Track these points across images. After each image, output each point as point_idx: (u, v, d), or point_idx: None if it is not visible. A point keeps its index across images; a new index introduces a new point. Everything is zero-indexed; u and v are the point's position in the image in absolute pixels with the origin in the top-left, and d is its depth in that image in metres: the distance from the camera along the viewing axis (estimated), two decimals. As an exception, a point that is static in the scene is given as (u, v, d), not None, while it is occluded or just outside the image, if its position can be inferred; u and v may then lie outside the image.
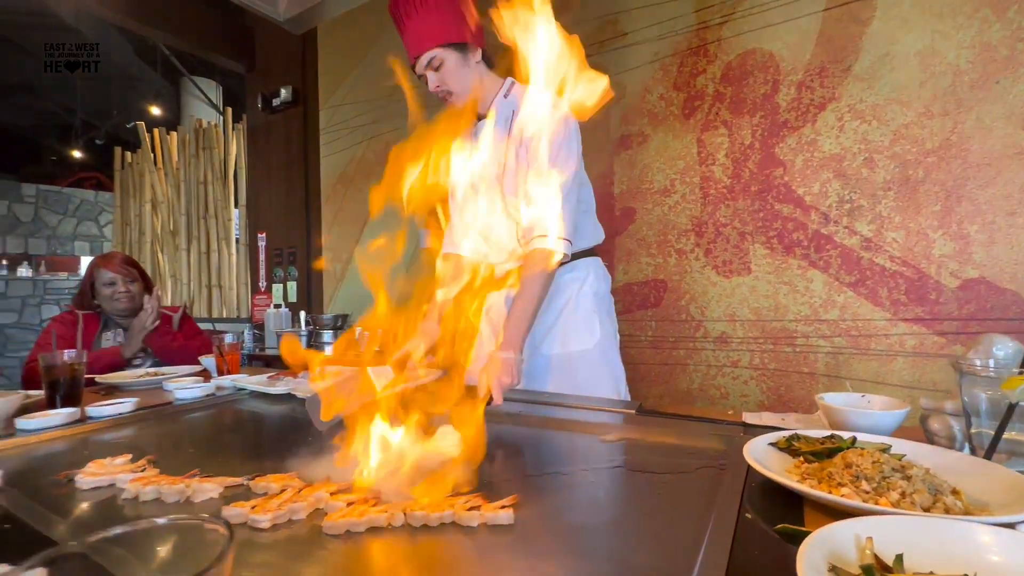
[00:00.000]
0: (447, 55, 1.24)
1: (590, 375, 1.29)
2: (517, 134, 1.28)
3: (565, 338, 1.32)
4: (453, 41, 1.24)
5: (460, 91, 1.28)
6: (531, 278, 1.19)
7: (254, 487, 0.67)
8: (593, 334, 1.31)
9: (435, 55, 1.24)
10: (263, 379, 1.42)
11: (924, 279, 1.66)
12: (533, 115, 1.21)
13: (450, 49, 1.24)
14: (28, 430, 0.98)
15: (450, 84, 1.26)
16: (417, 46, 1.25)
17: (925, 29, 1.65)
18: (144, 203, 4.55)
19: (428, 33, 1.23)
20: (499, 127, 1.32)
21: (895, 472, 0.52)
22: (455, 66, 1.26)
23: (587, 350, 1.30)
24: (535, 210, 1.22)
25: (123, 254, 1.89)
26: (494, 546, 0.51)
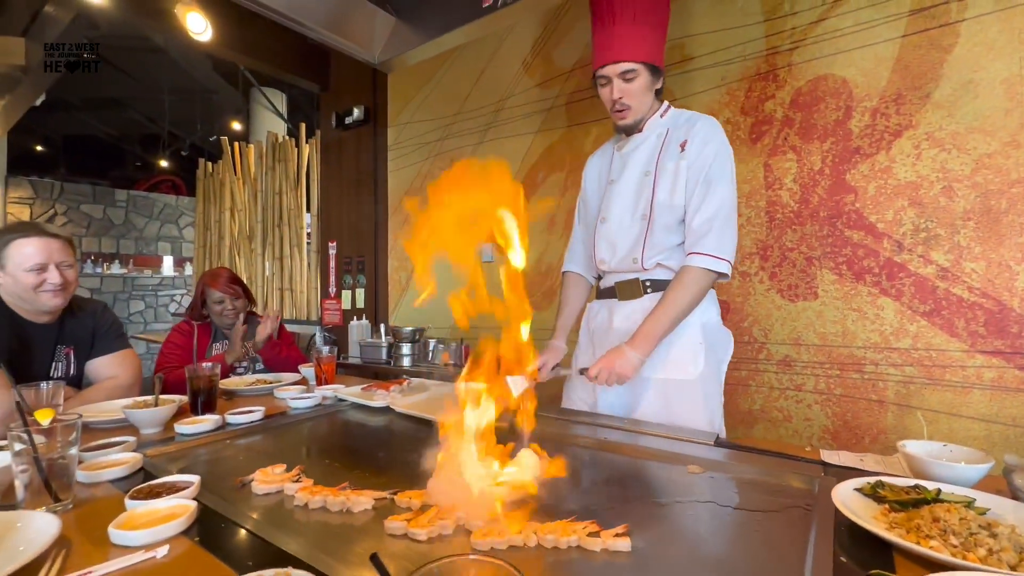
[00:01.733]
0: (643, 73, 1.28)
1: (687, 407, 1.28)
2: (672, 146, 1.32)
3: (667, 365, 1.31)
4: (655, 63, 1.29)
5: (637, 110, 1.32)
6: (680, 287, 1.24)
7: (398, 501, 0.80)
8: (696, 366, 1.29)
9: (635, 68, 1.26)
10: (358, 390, 1.57)
11: (1006, 311, 1.63)
12: (699, 130, 1.30)
13: (647, 69, 1.28)
14: (186, 435, 1.16)
15: (633, 101, 1.30)
16: (623, 52, 1.25)
17: (1013, 56, 1.61)
18: (224, 210, 4.94)
19: (638, 45, 1.25)
20: (651, 141, 1.37)
21: (982, 529, 0.58)
22: (644, 86, 1.30)
23: (689, 380, 1.29)
24: (699, 224, 1.25)
25: (228, 272, 2.10)
26: (620, 571, 0.61)
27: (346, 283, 3.65)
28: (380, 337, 2.63)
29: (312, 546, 0.66)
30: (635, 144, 1.39)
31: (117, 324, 1.59)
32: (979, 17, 1.66)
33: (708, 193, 1.25)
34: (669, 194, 1.30)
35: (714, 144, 1.27)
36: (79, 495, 0.82)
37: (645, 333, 1.23)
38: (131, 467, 0.92)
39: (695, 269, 1.24)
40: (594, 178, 1.54)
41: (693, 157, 1.28)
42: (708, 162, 1.26)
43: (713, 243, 1.23)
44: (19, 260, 1.31)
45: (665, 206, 1.31)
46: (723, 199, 1.25)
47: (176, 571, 0.61)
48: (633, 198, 1.37)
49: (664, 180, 1.31)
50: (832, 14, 1.91)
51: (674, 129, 1.34)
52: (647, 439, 1.14)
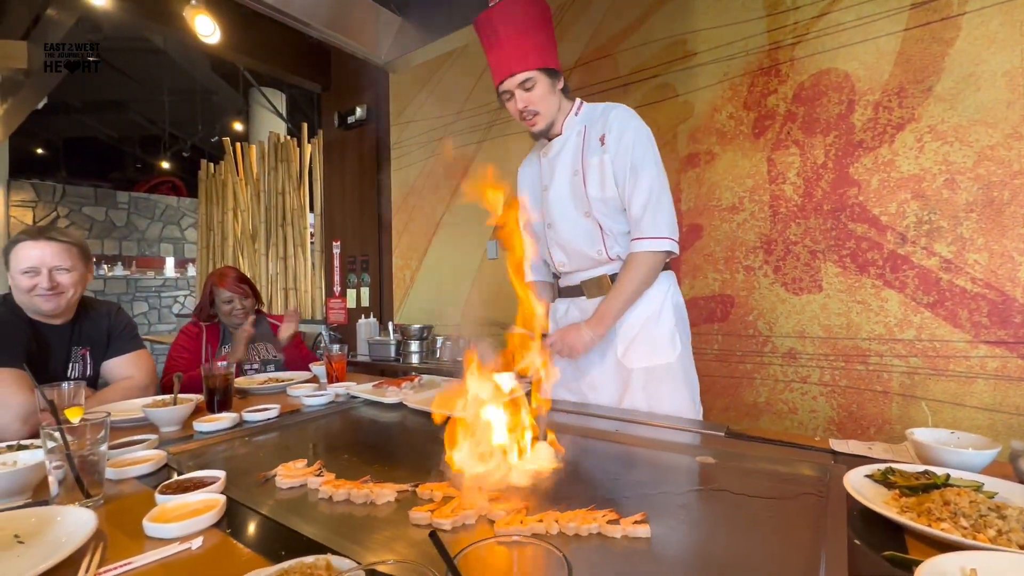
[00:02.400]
0: (541, 79, 1.31)
1: (671, 389, 1.33)
2: (593, 141, 1.36)
3: (648, 352, 1.35)
4: (549, 66, 1.32)
5: (546, 114, 1.36)
6: (630, 272, 1.31)
7: (419, 493, 0.83)
8: (675, 348, 1.35)
9: (531, 77, 1.30)
10: (369, 387, 1.59)
11: (1008, 302, 1.65)
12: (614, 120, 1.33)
13: (544, 74, 1.31)
14: (205, 432, 1.19)
15: (539, 106, 1.34)
16: (514, 65, 1.29)
17: (1014, 49, 1.63)
18: (227, 210, 4.96)
19: (527, 54, 1.29)
20: (572, 140, 1.40)
21: (991, 511, 0.60)
22: (545, 91, 1.33)
23: (670, 363, 1.34)
24: (635, 211, 1.31)
25: (236, 271, 2.11)
26: (641, 556, 0.63)
27: (350, 282, 3.67)
28: (388, 335, 2.65)
29: (341, 535, 0.68)
30: (558, 147, 1.42)
31: (131, 325, 1.61)
32: (980, 10, 1.67)
33: (637, 180, 1.30)
34: (600, 188, 1.34)
35: (629, 132, 1.31)
36: (107, 491, 0.84)
37: (600, 314, 1.33)
38: (156, 464, 0.94)
39: (639, 254, 1.31)
40: (527, 187, 1.58)
41: (613, 150, 1.32)
42: (629, 151, 1.30)
43: (649, 226, 1.29)
44: (15, 263, 1.34)
45: (599, 200, 1.35)
46: (651, 182, 1.30)
47: (212, 561, 0.63)
48: (571, 199, 1.40)
49: (592, 176, 1.35)
50: (834, 8, 1.92)
51: (590, 125, 1.38)
52: (657, 430, 1.16)
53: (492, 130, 3.02)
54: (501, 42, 1.31)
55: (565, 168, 1.41)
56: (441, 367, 2.51)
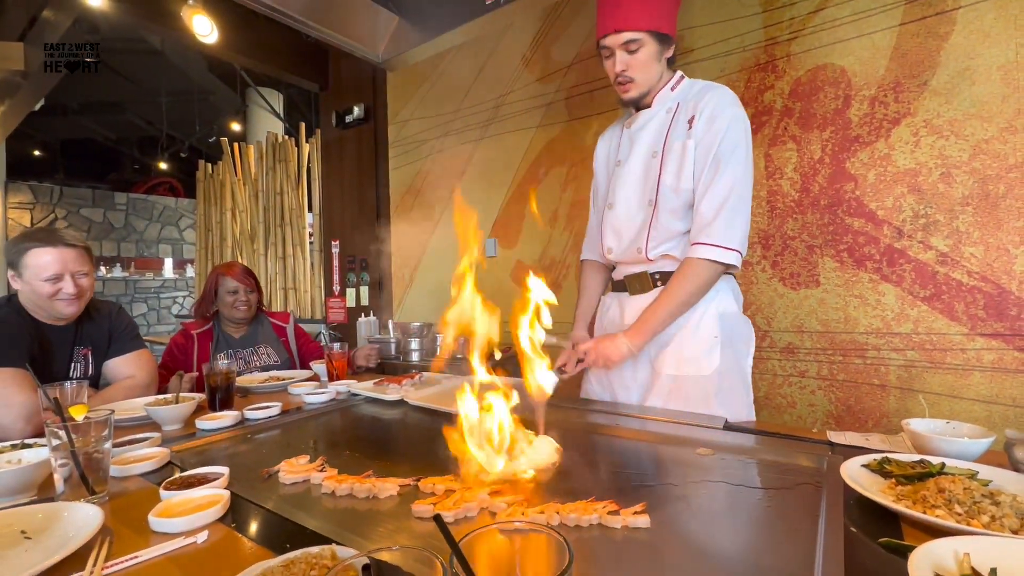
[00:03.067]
0: (649, 42, 1.16)
1: (702, 403, 1.21)
2: (680, 123, 1.22)
3: (680, 361, 1.24)
4: (662, 30, 1.17)
5: (642, 82, 1.21)
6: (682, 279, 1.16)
7: (422, 487, 0.83)
8: (711, 361, 1.22)
9: (639, 38, 1.15)
10: (370, 385, 1.60)
11: (1005, 295, 1.66)
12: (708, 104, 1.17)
13: (654, 37, 1.16)
14: (207, 430, 1.19)
15: (638, 73, 1.19)
16: (626, 21, 1.14)
17: (1009, 43, 1.63)
18: (225, 210, 4.96)
19: (641, 11, 1.14)
20: (660, 117, 1.26)
21: (985, 498, 0.61)
22: (650, 57, 1.18)
23: (703, 376, 1.22)
24: (706, 209, 1.15)
25: (242, 265, 2.09)
26: (640, 545, 0.64)
27: (350, 281, 3.68)
28: (388, 333, 2.66)
29: (345, 528, 0.69)
30: (643, 121, 1.28)
31: (132, 325, 1.62)
32: (975, 5, 1.68)
33: (717, 175, 1.14)
34: (676, 177, 1.20)
35: (724, 118, 1.15)
36: (112, 488, 0.84)
37: (642, 323, 1.19)
38: (159, 461, 0.95)
39: (699, 261, 1.15)
40: (603, 160, 1.45)
41: (700, 134, 1.17)
42: (717, 139, 1.14)
43: (720, 232, 1.13)
44: (35, 270, 1.33)
45: (671, 190, 1.21)
46: (734, 181, 1.13)
47: (218, 554, 0.64)
48: (640, 182, 1.28)
49: (671, 161, 1.21)
50: (829, 4, 1.93)
51: (684, 103, 1.23)
52: (658, 425, 1.17)
53: (490, 128, 3.02)
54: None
55: (645, 146, 1.27)
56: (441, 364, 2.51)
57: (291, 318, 2.17)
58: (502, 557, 0.42)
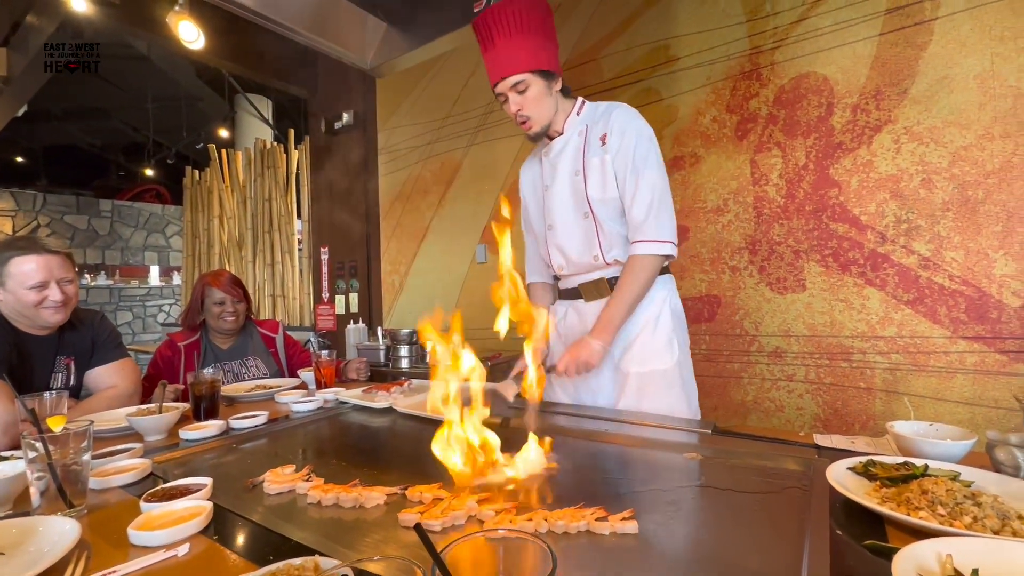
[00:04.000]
0: (534, 81, 1.28)
1: (668, 394, 1.31)
2: (594, 141, 1.33)
3: (644, 357, 1.33)
4: (543, 68, 1.28)
5: (538, 118, 1.33)
6: (630, 277, 1.27)
7: (409, 496, 0.82)
8: (672, 353, 1.33)
9: (523, 79, 1.27)
10: (359, 392, 1.58)
11: (985, 298, 1.69)
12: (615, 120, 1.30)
13: (538, 76, 1.28)
14: (191, 440, 1.17)
15: (531, 110, 1.31)
16: (506, 68, 1.27)
17: (984, 52, 1.68)
18: (212, 217, 4.91)
19: (519, 56, 1.26)
20: (574, 140, 1.37)
21: (967, 499, 0.62)
22: (539, 93, 1.30)
23: (667, 369, 1.32)
24: (636, 213, 1.28)
25: (230, 273, 2.04)
26: (629, 551, 0.64)
27: (339, 288, 3.65)
28: (377, 340, 2.64)
29: (330, 539, 0.68)
30: (560, 147, 1.40)
31: (115, 334, 1.59)
32: (951, 15, 1.72)
33: (639, 182, 1.27)
34: (601, 189, 1.32)
35: (631, 132, 1.29)
36: (91, 501, 0.82)
37: (605, 322, 1.27)
38: (141, 472, 0.93)
39: (641, 257, 1.27)
40: (529, 187, 1.55)
41: (615, 150, 1.30)
42: (630, 151, 1.28)
43: (652, 229, 1.26)
44: (20, 278, 1.30)
45: (599, 201, 1.33)
46: (653, 184, 1.27)
47: (199, 567, 0.63)
48: (571, 199, 1.38)
49: (593, 176, 1.33)
50: (811, 14, 1.97)
51: (592, 124, 1.36)
52: (646, 430, 1.17)
53: (480, 134, 3.03)
54: (495, 44, 1.28)
55: (566, 168, 1.38)
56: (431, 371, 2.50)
57: (280, 327, 2.13)
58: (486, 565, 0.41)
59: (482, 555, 0.41)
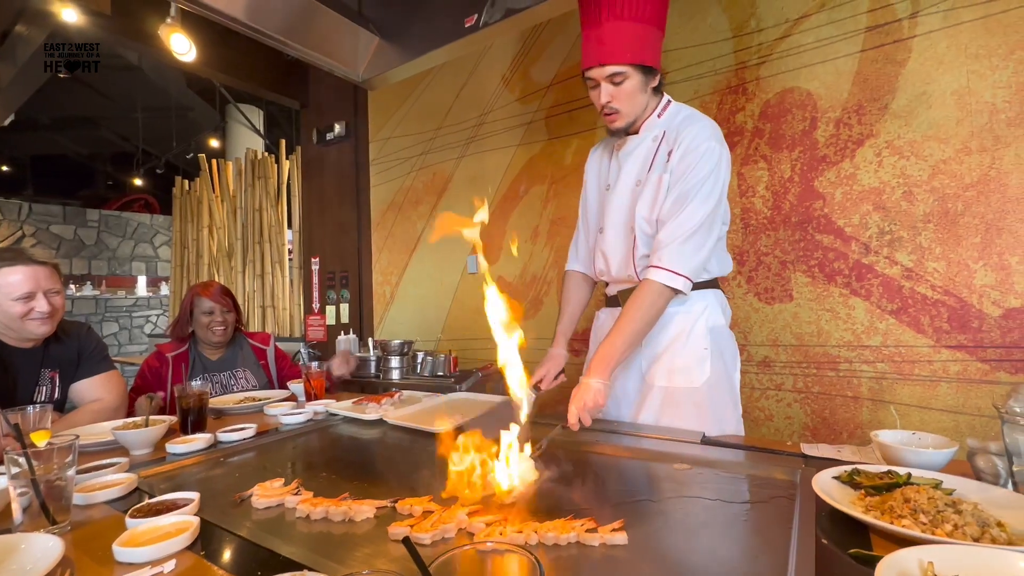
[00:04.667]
0: (634, 75, 1.18)
1: (693, 414, 1.23)
2: (663, 154, 1.24)
3: (671, 372, 1.26)
4: (646, 63, 1.18)
5: (627, 114, 1.23)
6: (635, 306, 1.16)
7: (399, 509, 0.82)
8: (702, 373, 1.24)
9: (624, 71, 1.17)
10: (349, 404, 1.57)
11: (966, 308, 1.73)
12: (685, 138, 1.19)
13: (638, 70, 1.18)
14: (178, 454, 1.16)
15: (623, 104, 1.21)
16: (610, 55, 1.16)
17: (961, 70, 1.73)
18: (202, 227, 4.88)
19: (626, 45, 1.15)
20: (647, 145, 1.28)
21: (948, 507, 0.63)
22: (635, 89, 1.20)
23: (694, 388, 1.24)
24: (664, 237, 1.18)
25: (220, 284, 2.04)
26: (618, 563, 0.64)
27: (330, 299, 3.64)
28: (368, 351, 2.63)
29: (319, 554, 0.68)
30: (631, 148, 1.30)
31: (102, 346, 1.57)
32: (928, 34, 1.77)
33: (682, 207, 1.17)
34: (650, 208, 1.24)
35: (697, 152, 1.18)
36: (75, 517, 0.81)
37: (601, 357, 1.16)
38: (127, 487, 0.92)
39: (651, 283, 1.17)
40: (593, 178, 1.47)
41: (674, 165, 1.21)
42: (687, 171, 1.18)
43: (673, 258, 1.16)
44: (6, 289, 1.29)
45: (644, 220, 1.26)
46: (693, 214, 1.16)
47: (185, 584, 0.62)
48: (626, 210, 1.31)
49: (647, 192, 1.25)
50: (795, 31, 2.02)
51: (669, 131, 1.26)
52: (637, 440, 1.17)
53: (471, 146, 3.06)
54: (602, 23, 1.15)
55: (631, 173, 1.30)
56: (423, 382, 2.49)
57: (271, 339, 2.12)
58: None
59: (470, 567, 0.41)
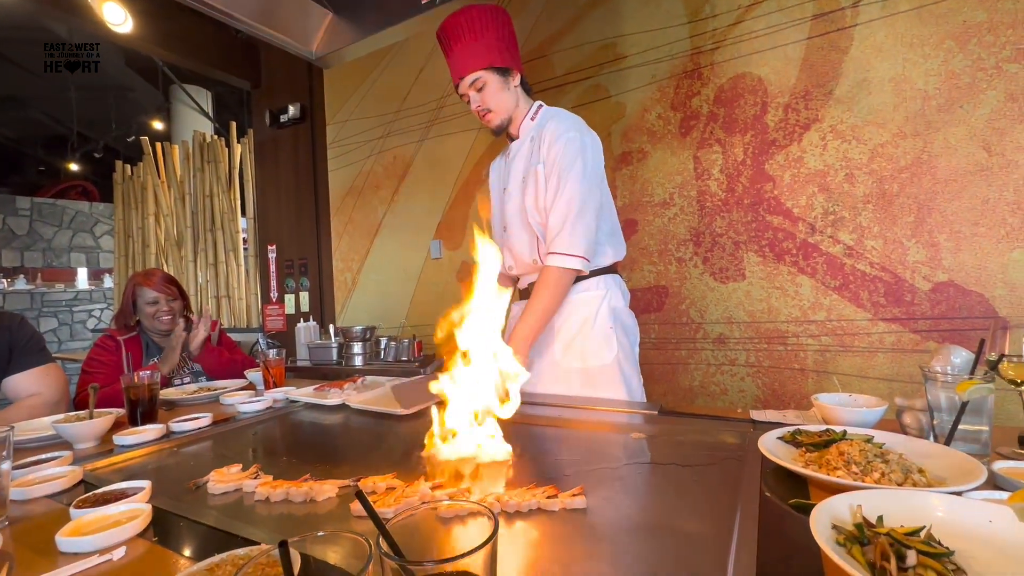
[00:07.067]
0: (490, 77, 1.37)
1: (609, 388, 1.37)
2: (537, 152, 1.39)
3: (584, 354, 1.39)
4: (496, 65, 1.37)
5: (498, 110, 1.40)
6: (541, 290, 1.31)
7: (362, 486, 0.82)
8: (611, 350, 1.38)
9: (479, 76, 1.36)
10: (310, 391, 1.55)
11: (900, 283, 1.85)
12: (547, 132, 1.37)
13: (493, 72, 1.37)
14: (127, 446, 1.11)
15: (490, 103, 1.39)
16: (463, 68, 1.36)
17: (897, 58, 1.83)
18: (147, 215, 4.62)
19: (474, 57, 1.35)
20: (527, 146, 1.44)
21: (876, 458, 0.69)
22: (496, 88, 1.38)
23: (606, 364, 1.37)
24: (553, 224, 1.32)
25: (162, 272, 1.96)
26: (578, 524, 0.67)
27: (288, 287, 3.53)
28: (330, 338, 2.57)
29: (280, 534, 0.67)
30: (515, 151, 1.47)
31: (37, 337, 1.47)
32: (868, 23, 1.86)
33: (559, 190, 1.31)
34: (533, 198, 1.37)
35: (561, 140, 1.32)
36: (12, 512, 0.77)
37: (518, 340, 1.30)
38: (70, 481, 0.87)
39: (552, 269, 1.31)
40: (495, 186, 1.62)
41: (544, 157, 1.36)
42: (555, 159, 1.32)
43: (565, 241, 1.29)
44: None
45: (533, 209, 1.38)
46: (572, 195, 1.29)
47: (137, 570, 0.60)
48: (520, 204, 1.43)
49: (530, 186, 1.39)
50: (747, 17, 2.08)
51: (539, 131, 1.41)
52: (596, 414, 1.21)
53: (432, 129, 3.01)
54: (454, 49, 1.37)
55: (518, 173, 1.45)
56: (387, 368, 2.47)
57: (217, 325, 2.05)
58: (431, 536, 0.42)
59: (427, 525, 0.42)
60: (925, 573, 0.45)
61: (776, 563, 0.53)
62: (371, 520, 0.38)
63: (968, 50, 1.72)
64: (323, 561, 0.46)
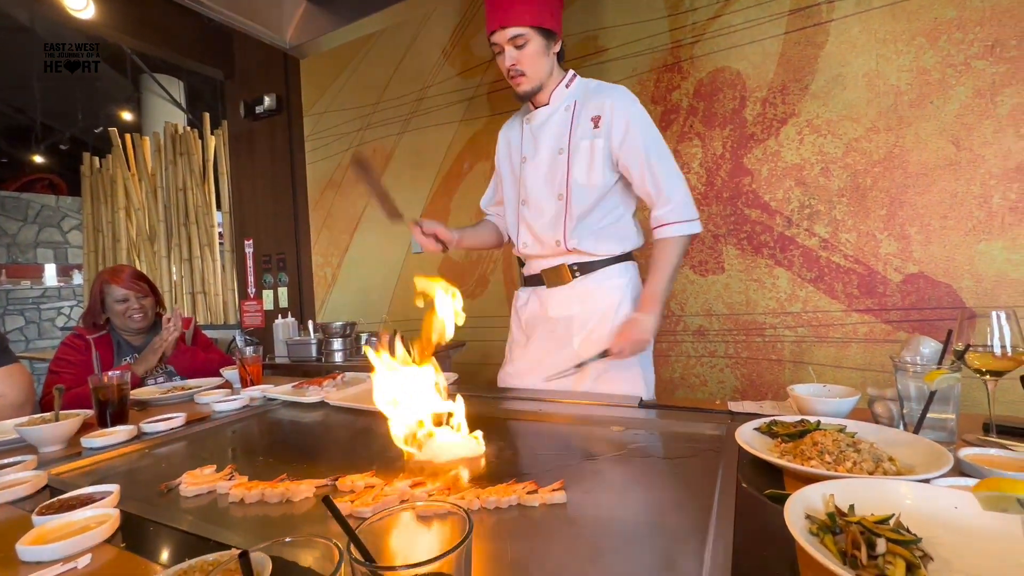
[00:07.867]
0: (534, 37, 1.23)
1: (626, 379, 1.32)
2: (584, 121, 1.30)
3: (603, 345, 1.30)
4: (546, 26, 1.24)
5: (532, 76, 1.28)
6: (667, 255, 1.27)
7: (340, 485, 0.81)
8: None
9: (524, 33, 1.22)
10: (288, 388, 1.52)
11: (873, 275, 1.89)
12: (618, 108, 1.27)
13: (538, 32, 1.24)
14: (95, 448, 1.08)
15: (526, 67, 1.26)
16: (509, 18, 1.21)
17: (871, 53, 1.86)
18: (117, 209, 4.47)
19: (525, 8, 1.21)
20: (560, 115, 1.33)
21: (849, 447, 0.70)
22: (537, 51, 1.25)
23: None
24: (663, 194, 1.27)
25: (131, 268, 1.90)
26: (557, 519, 0.67)
27: (266, 282, 3.46)
28: (309, 334, 2.53)
29: (255, 536, 0.65)
30: (543, 118, 1.35)
31: (0, 337, 1.42)
32: (843, 19, 1.89)
33: (656, 171, 1.26)
34: (586, 174, 1.29)
35: (637, 121, 1.27)
36: (-29, 521, 0.74)
37: (650, 296, 1.27)
38: (34, 486, 0.84)
39: (673, 240, 1.28)
40: (505, 152, 1.50)
41: (619, 140, 1.27)
42: (639, 142, 1.26)
43: (680, 209, 1.27)
44: None
45: (582, 187, 1.30)
46: (666, 168, 1.27)
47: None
48: (548, 177, 1.35)
49: (579, 159, 1.30)
50: (726, 11, 2.09)
51: (583, 102, 1.32)
52: (577, 408, 1.21)
53: (412, 122, 2.97)
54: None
55: (549, 144, 1.34)
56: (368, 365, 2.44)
57: (192, 322, 1.99)
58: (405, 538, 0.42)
59: (402, 528, 0.41)
60: (894, 560, 0.46)
61: (752, 553, 0.54)
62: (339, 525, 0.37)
63: (938, 46, 1.76)
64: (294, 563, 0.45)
